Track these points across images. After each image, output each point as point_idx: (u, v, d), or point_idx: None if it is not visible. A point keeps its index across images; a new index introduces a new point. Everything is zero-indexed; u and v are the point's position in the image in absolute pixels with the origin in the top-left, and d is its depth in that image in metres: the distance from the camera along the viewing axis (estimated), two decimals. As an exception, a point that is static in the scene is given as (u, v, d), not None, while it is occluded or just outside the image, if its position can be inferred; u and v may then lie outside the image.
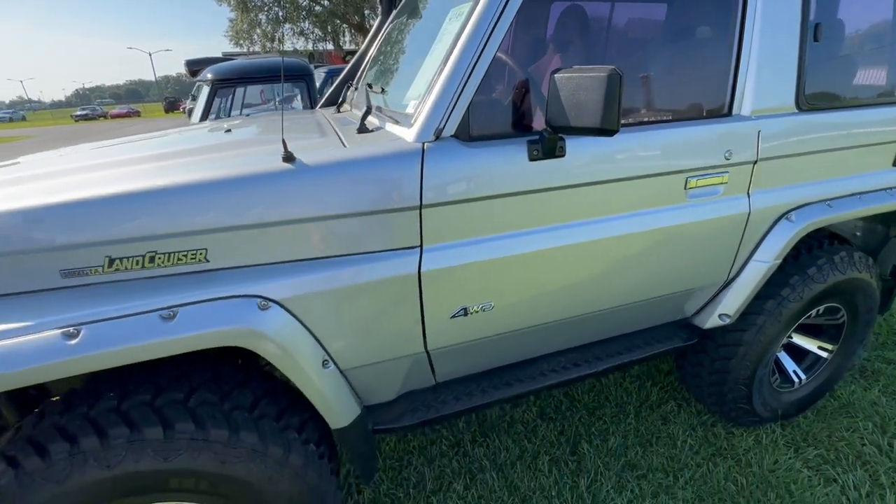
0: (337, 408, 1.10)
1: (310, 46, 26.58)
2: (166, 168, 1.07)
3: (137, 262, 0.95)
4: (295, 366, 1.01)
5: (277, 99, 6.44)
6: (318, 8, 25.35)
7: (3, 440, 0.97)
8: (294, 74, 3.74)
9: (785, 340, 1.86)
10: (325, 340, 1.05)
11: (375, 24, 2.26)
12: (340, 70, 7.01)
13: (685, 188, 1.30)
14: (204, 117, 3.52)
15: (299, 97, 4.95)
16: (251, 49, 25.98)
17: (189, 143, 1.38)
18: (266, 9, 25.23)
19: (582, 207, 1.20)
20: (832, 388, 1.99)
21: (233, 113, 4.07)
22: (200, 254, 0.98)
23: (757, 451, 1.79)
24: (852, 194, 1.56)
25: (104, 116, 40.28)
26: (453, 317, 1.16)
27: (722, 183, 1.35)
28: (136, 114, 39.90)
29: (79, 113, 41.46)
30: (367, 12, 23.71)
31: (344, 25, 26.26)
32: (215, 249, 0.98)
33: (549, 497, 1.63)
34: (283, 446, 1.07)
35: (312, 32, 27.02)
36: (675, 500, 1.61)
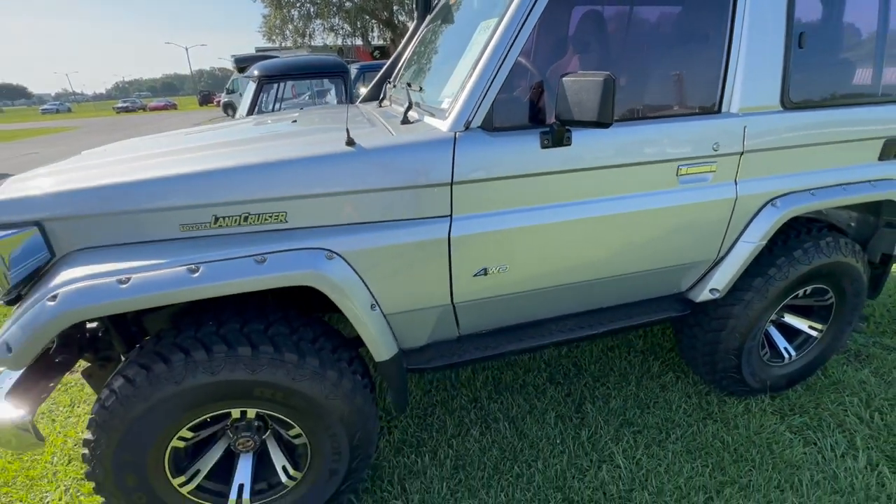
0: (380, 343, 1.38)
1: (339, 42, 27.07)
2: (254, 150, 1.37)
3: (235, 221, 1.25)
4: (350, 305, 1.29)
5: (307, 94, 6.81)
6: (348, 4, 25.75)
7: (133, 353, 1.29)
8: (333, 72, 4.05)
9: (775, 318, 2.04)
10: (373, 288, 1.33)
11: (411, 27, 2.52)
12: (372, 67, 7.33)
13: (677, 175, 1.52)
14: (251, 111, 3.86)
15: (333, 92, 5.28)
16: (283, 44, 26.67)
17: (266, 130, 1.68)
18: (298, 5, 25.81)
19: (585, 188, 1.44)
20: (822, 365, 2.16)
21: (273, 107, 4.42)
22: (281, 215, 1.26)
23: (745, 416, 1.99)
24: (837, 185, 1.73)
25: (143, 109, 42.10)
26: (475, 275, 1.42)
27: (711, 171, 1.56)
28: (174, 106, 41.48)
29: (120, 105, 43.47)
30: (395, 8, 23.99)
31: (373, 21, 26.63)
32: (292, 213, 1.26)
33: (554, 444, 1.88)
34: (337, 372, 1.36)
35: (342, 28, 27.47)
36: (665, 451, 1.83)
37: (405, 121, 1.51)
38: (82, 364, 1.59)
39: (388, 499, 1.66)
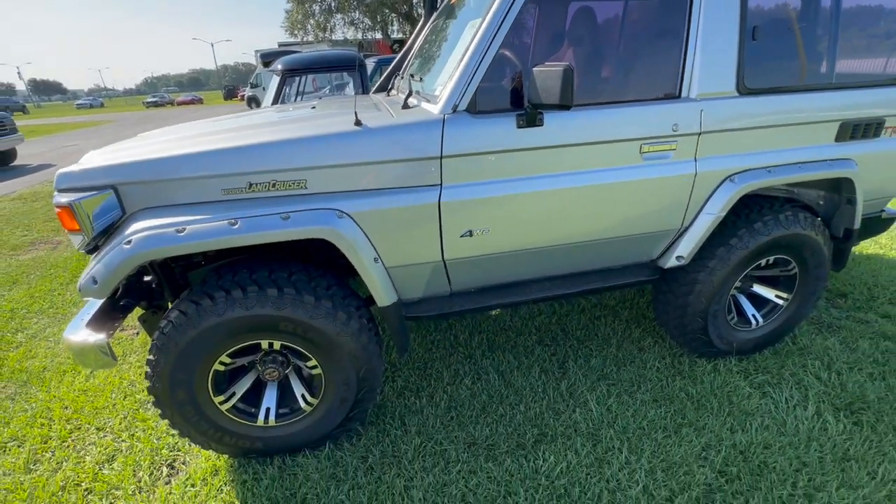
0: (382, 291, 1.66)
1: (359, 36, 27.39)
2: (280, 130, 1.66)
3: (265, 187, 1.54)
4: (357, 257, 1.57)
5: (328, 87, 7.14)
6: (368, -1, 25.96)
7: (185, 294, 1.60)
8: (350, 65, 4.34)
9: (742, 286, 2.25)
10: (376, 243, 1.61)
11: (419, 24, 2.78)
12: (389, 60, 7.64)
13: (640, 152, 1.75)
14: (275, 102, 4.19)
15: (351, 85, 5.59)
16: (304, 38, 27.15)
17: (289, 115, 1.97)
18: (320, 0, 26.19)
19: (556, 163, 1.68)
20: (790, 333, 2.35)
21: (295, 99, 4.75)
22: (302, 183, 1.55)
23: (712, 374, 2.21)
24: (793, 164, 1.93)
25: (171, 103, 43.46)
26: (462, 236, 1.68)
27: (671, 149, 1.78)
28: (200, 101, 42.67)
29: (149, 100, 44.99)
30: (415, 1, 24.14)
31: (392, 15, 26.85)
32: (311, 180, 1.55)
33: (536, 392, 2.14)
34: (346, 314, 1.65)
35: (362, 22, 27.76)
36: (635, 400, 2.07)
37: (405, 106, 1.78)
38: (138, 312, 1.93)
39: (390, 430, 1.96)
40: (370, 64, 7.32)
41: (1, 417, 2.17)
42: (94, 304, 1.71)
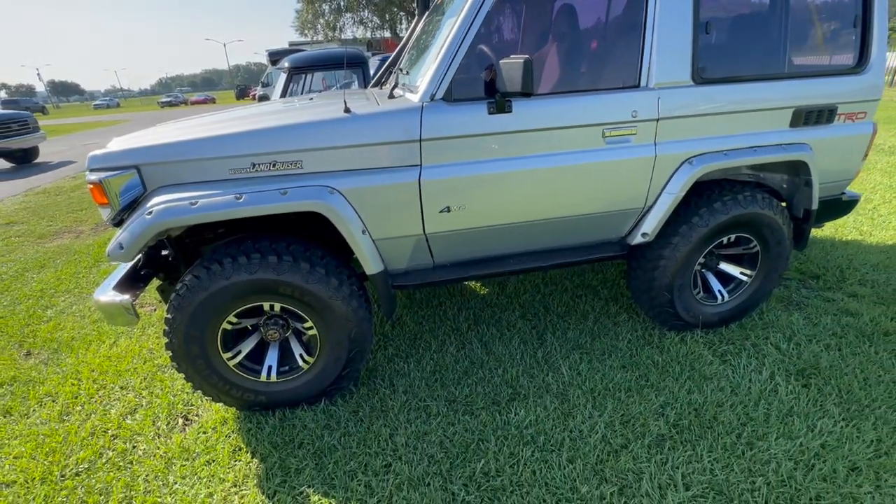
0: (370, 260, 1.87)
1: (368, 34, 27.63)
2: (279, 118, 1.88)
3: (266, 167, 1.76)
4: (346, 229, 1.78)
5: (338, 85, 7.41)
6: (377, -3, 26.17)
7: (197, 261, 1.83)
8: (352, 62, 4.57)
9: (706, 263, 2.42)
10: (363, 217, 1.82)
11: (413, 22, 2.98)
12: (392, 58, 7.81)
13: (603, 137, 1.93)
14: (282, 97, 4.44)
15: (356, 82, 5.82)
16: (314, 38, 27.46)
17: (290, 106, 2.19)
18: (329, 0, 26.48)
19: (525, 146, 1.87)
20: (755, 308, 2.51)
21: (301, 94, 5.00)
22: (298, 164, 1.77)
23: (679, 345, 2.38)
24: (748, 147, 2.09)
25: (185, 103, 44.29)
26: (441, 212, 1.89)
27: (632, 134, 1.96)
28: (212, 101, 43.39)
29: (164, 100, 45.92)
30: (423, -1, 24.26)
31: (401, 13, 27.02)
32: (306, 161, 1.77)
33: (514, 359, 2.34)
34: (338, 280, 1.86)
35: (371, 21, 27.98)
36: (604, 366, 2.25)
37: (391, 96, 1.98)
38: (155, 283, 2.17)
39: (379, 389, 2.17)
40: (375, 62, 7.55)
41: (37, 378, 2.43)
42: (119, 272, 1.96)
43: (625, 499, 1.57)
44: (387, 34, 27.86)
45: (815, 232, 3.69)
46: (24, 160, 10.23)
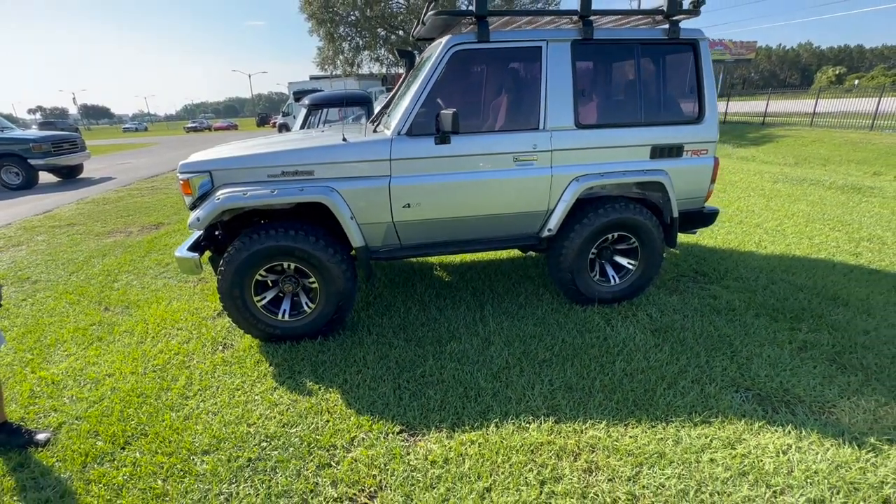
0: (356, 237, 2.82)
1: (384, 70, 29.57)
2: (300, 143, 2.89)
3: (290, 174, 2.75)
4: (340, 215, 2.75)
5: (353, 117, 8.61)
6: (393, 37, 28.18)
7: (240, 235, 2.81)
8: (359, 101, 5.69)
9: (599, 252, 3.33)
10: (352, 208, 2.79)
11: (403, 76, 4.03)
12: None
13: (514, 161, 2.90)
14: (302, 128, 5.54)
15: (364, 116, 6.98)
16: (333, 73, 29.44)
17: (308, 135, 3.22)
18: (349, 38, 28.58)
19: (460, 166, 2.84)
20: (643, 291, 3.39)
21: (319, 125, 6.13)
22: (311, 172, 2.75)
23: (581, 314, 3.25)
24: (619, 171, 3.04)
25: (209, 129, 46.88)
26: (403, 207, 2.85)
27: (534, 160, 2.92)
28: (235, 127, 45.89)
29: (189, 125, 48.65)
30: (435, 41, 26.09)
31: (415, 52, 28.98)
32: (317, 171, 2.75)
33: (458, 318, 3.23)
34: (333, 249, 2.81)
35: (387, 58, 29.97)
36: (522, 323, 3.13)
37: (375, 130, 2.99)
38: (208, 255, 3.15)
39: (359, 331, 3.08)
40: (385, 97, 8.77)
41: (118, 321, 3.38)
42: (187, 242, 2.94)
43: (509, 388, 2.44)
44: (401, 70, 29.78)
45: (718, 242, 4.59)
46: (70, 175, 11.48)
